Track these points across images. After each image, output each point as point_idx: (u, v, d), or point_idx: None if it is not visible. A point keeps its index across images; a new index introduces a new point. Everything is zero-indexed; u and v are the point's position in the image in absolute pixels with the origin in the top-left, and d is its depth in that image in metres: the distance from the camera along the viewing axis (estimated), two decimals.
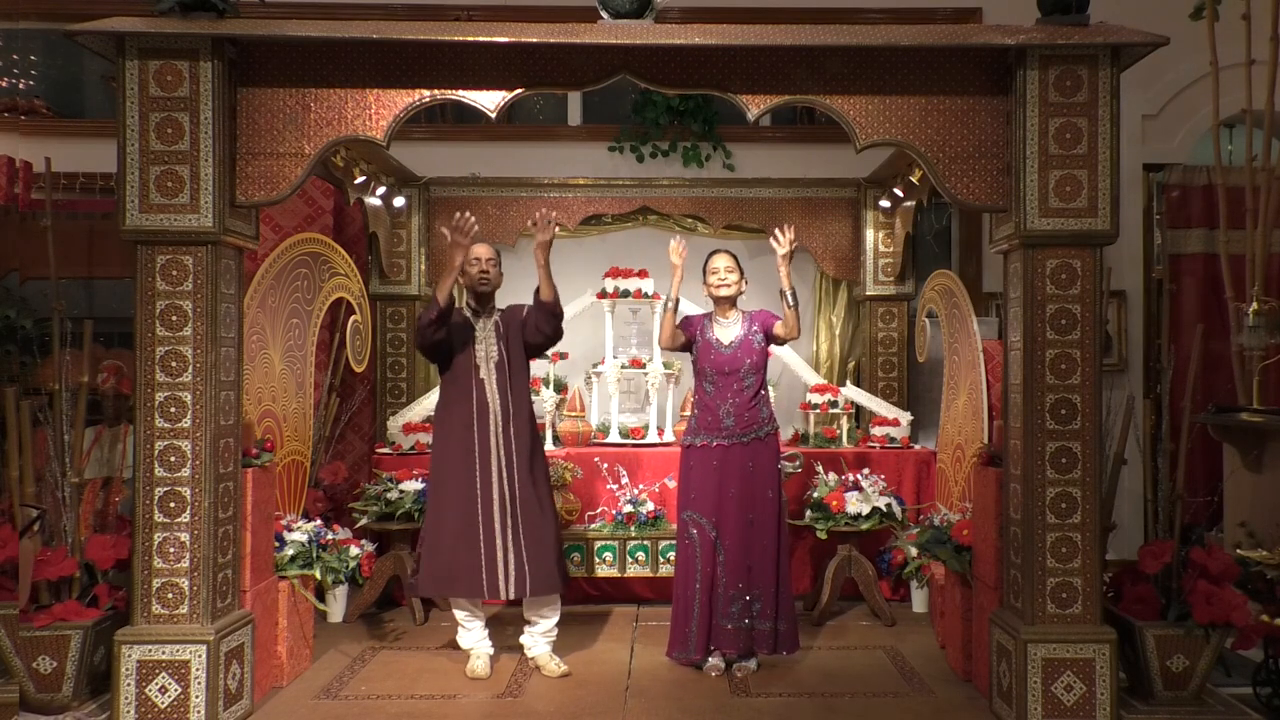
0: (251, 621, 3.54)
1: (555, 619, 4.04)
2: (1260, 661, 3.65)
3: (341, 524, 4.52)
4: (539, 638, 4.02)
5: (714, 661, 3.97)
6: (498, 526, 3.84)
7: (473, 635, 4.00)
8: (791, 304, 3.96)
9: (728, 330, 4.04)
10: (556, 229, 3.92)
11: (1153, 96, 5.85)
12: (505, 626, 4.40)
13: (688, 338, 4.07)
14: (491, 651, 4.04)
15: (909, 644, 4.39)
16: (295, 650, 3.93)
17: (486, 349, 3.92)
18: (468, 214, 3.81)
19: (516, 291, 4.38)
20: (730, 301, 4.06)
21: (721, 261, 4.05)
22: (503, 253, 4.35)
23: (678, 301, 4.02)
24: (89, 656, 3.31)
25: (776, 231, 4.00)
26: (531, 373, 4.28)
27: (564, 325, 4.01)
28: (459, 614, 3.99)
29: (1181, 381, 3.94)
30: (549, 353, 5.14)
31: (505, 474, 3.87)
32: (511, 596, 3.88)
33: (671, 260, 4.03)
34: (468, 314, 3.97)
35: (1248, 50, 4.75)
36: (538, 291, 3.89)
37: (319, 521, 4.19)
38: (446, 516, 3.86)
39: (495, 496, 3.85)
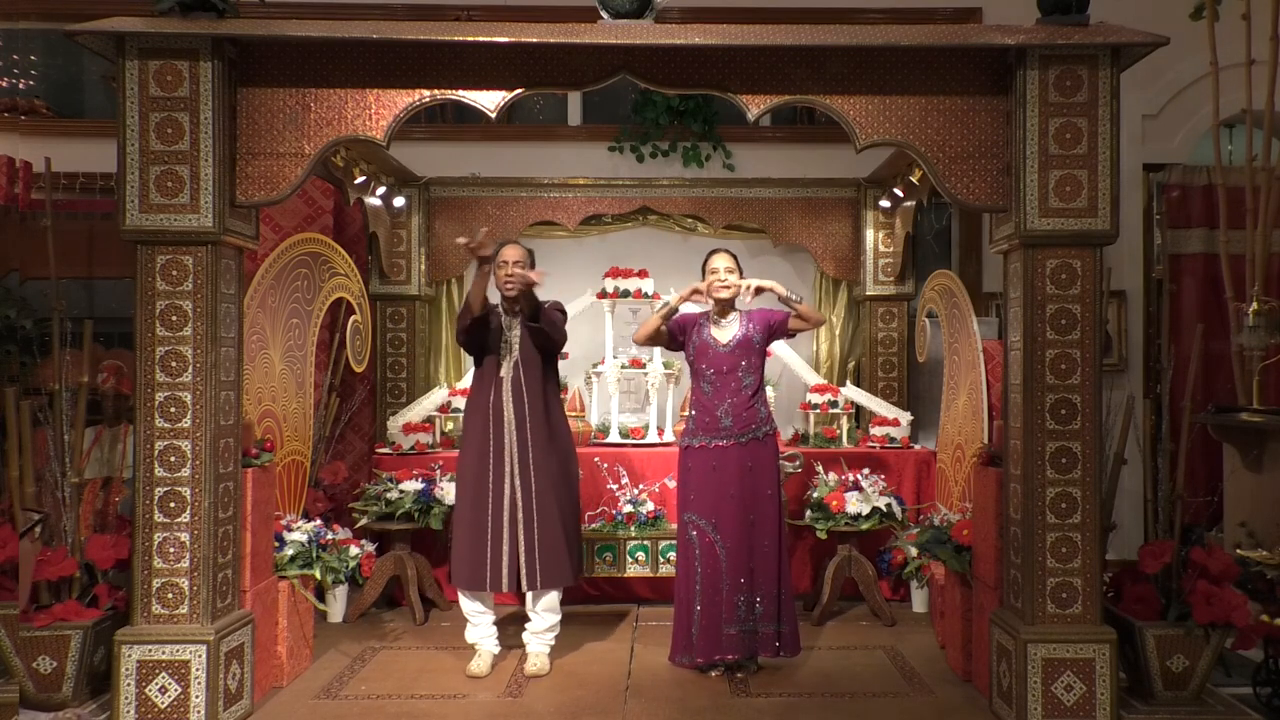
0: (251, 621, 3.54)
1: (555, 619, 4.04)
2: (1260, 661, 3.65)
3: (341, 524, 4.53)
4: (533, 636, 4.03)
5: (719, 671, 3.94)
6: (506, 523, 3.87)
7: (479, 630, 4.02)
8: (798, 300, 3.91)
9: (726, 329, 3.99)
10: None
11: (1153, 96, 5.85)
12: (506, 626, 4.39)
13: (674, 336, 3.98)
14: (496, 650, 4.04)
15: (909, 644, 4.39)
16: (295, 650, 3.93)
17: (511, 348, 3.95)
18: (482, 231, 3.74)
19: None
20: (729, 303, 4.01)
21: (721, 262, 3.97)
22: None
23: (675, 311, 3.95)
24: (89, 656, 3.31)
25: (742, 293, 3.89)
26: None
27: (568, 321, 4.07)
28: (468, 606, 3.99)
29: (1181, 381, 3.95)
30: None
31: (518, 475, 3.89)
32: (507, 590, 3.92)
33: (695, 286, 3.93)
34: (502, 314, 3.99)
35: (1248, 50, 4.75)
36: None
37: (319, 521, 4.19)
38: (464, 514, 3.93)
39: (506, 494, 3.88)
